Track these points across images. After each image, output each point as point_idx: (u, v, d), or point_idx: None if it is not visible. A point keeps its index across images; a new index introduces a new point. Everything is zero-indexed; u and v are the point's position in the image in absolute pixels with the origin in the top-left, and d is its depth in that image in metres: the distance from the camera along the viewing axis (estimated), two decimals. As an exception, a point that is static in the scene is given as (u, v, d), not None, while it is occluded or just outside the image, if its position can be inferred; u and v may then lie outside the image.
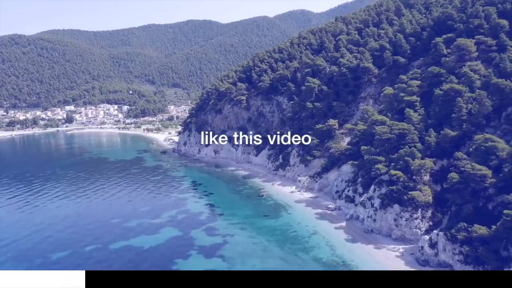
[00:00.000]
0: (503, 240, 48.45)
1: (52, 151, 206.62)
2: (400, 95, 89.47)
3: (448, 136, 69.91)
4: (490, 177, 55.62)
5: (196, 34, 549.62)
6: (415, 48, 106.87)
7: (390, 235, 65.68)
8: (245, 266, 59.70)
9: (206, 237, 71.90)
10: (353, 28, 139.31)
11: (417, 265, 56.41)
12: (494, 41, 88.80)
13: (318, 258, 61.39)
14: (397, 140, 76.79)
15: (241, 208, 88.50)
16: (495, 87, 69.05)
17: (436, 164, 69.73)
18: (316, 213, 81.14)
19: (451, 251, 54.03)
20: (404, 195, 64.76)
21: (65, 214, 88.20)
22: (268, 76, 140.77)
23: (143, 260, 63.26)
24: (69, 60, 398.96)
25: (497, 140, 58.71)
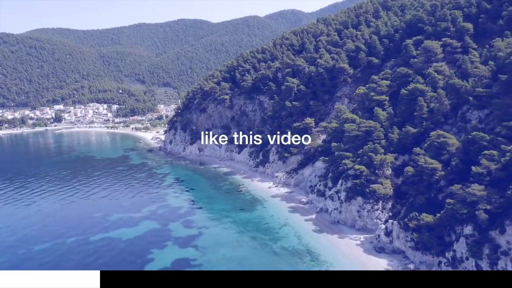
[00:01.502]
0: (447, 226, 53.17)
1: (41, 150, 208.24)
2: (371, 95, 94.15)
3: (409, 133, 74.60)
4: (440, 170, 60.29)
5: (187, 33, 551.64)
6: (388, 50, 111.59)
7: (354, 226, 70.20)
8: (216, 255, 63.75)
9: (183, 229, 75.79)
10: (333, 30, 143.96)
11: (374, 252, 60.96)
12: (459, 43, 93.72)
13: (285, 247, 65.66)
14: (364, 137, 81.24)
15: (219, 202, 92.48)
16: (452, 87, 73.92)
17: (398, 159, 74.43)
18: (290, 207, 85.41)
19: (403, 238, 58.66)
20: (367, 188, 69.32)
21: (48, 209, 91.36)
22: (251, 76, 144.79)
23: (121, 250, 66.92)
24: (58, 59, 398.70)
25: (448, 136, 63.44)
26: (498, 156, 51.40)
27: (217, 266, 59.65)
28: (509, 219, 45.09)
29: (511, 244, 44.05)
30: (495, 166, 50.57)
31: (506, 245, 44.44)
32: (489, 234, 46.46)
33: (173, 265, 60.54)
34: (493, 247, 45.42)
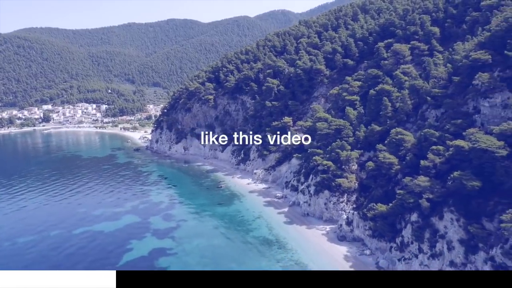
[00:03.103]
0: (398, 215, 58.38)
1: (29, 149, 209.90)
2: (343, 95, 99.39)
3: (374, 130, 79.88)
4: (396, 165, 65.55)
5: (177, 33, 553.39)
6: (362, 52, 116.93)
7: (321, 217, 75.21)
8: (191, 245, 68.22)
9: (162, 222, 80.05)
10: (314, 32, 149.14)
11: (336, 240, 65.99)
12: (426, 46, 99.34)
13: (256, 236, 70.38)
14: (335, 134, 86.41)
15: (199, 198, 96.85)
16: (414, 88, 79.38)
17: (364, 155, 79.65)
18: (265, 201, 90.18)
19: (362, 227, 63.80)
20: (333, 182, 74.38)
21: (33, 205, 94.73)
22: (234, 77, 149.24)
23: (101, 241, 70.96)
24: (46, 59, 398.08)
25: (405, 133, 68.76)
26: (444, 151, 56.71)
27: (191, 255, 64.18)
28: (447, 206, 50.39)
29: (447, 228, 49.35)
30: (439, 160, 55.90)
31: (443, 229, 49.73)
32: (431, 220, 51.73)
33: (150, 254, 64.87)
34: (433, 232, 50.70)
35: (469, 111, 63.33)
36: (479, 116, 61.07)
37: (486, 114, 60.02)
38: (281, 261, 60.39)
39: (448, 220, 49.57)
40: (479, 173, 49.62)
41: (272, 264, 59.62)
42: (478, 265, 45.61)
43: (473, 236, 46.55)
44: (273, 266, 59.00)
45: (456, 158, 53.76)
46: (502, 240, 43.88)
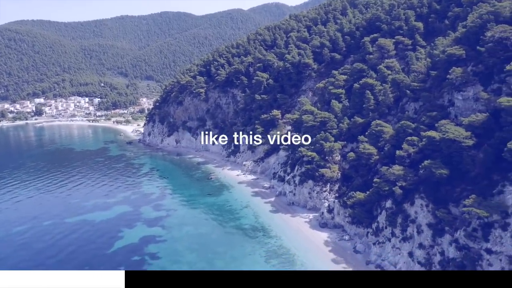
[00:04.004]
0: (375, 202, 61.76)
1: (21, 142, 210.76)
2: (329, 88, 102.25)
3: (357, 123, 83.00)
4: (375, 155, 68.81)
5: (170, 26, 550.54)
6: (349, 46, 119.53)
7: (305, 206, 78.50)
8: (180, 232, 71.22)
9: (153, 212, 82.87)
10: (303, 26, 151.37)
11: (318, 227, 69.34)
12: (410, 41, 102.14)
13: (243, 224, 73.56)
14: (320, 126, 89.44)
15: (189, 189, 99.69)
16: (394, 81, 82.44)
17: (347, 146, 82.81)
18: (253, 192, 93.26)
19: (342, 214, 67.17)
20: (316, 172, 77.55)
21: (27, 197, 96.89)
22: (225, 70, 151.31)
23: (93, 230, 73.66)
24: (38, 52, 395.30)
25: (384, 125, 71.94)
26: (418, 141, 59.96)
27: (180, 241, 67.19)
28: (418, 193, 53.78)
29: (418, 213, 52.78)
30: (413, 150, 59.17)
31: (414, 214, 53.17)
32: (403, 206, 55.15)
33: (141, 241, 67.73)
34: (405, 217, 54.13)
35: (444, 104, 66.53)
36: (453, 109, 64.31)
37: (460, 106, 63.28)
38: (265, 246, 63.60)
39: (419, 206, 52.99)
40: (448, 162, 52.95)
41: (256, 249, 62.82)
42: (444, 247, 49.15)
43: (440, 220, 50.02)
44: (257, 251, 62.20)
45: (429, 148, 57.01)
46: (466, 223, 47.36)
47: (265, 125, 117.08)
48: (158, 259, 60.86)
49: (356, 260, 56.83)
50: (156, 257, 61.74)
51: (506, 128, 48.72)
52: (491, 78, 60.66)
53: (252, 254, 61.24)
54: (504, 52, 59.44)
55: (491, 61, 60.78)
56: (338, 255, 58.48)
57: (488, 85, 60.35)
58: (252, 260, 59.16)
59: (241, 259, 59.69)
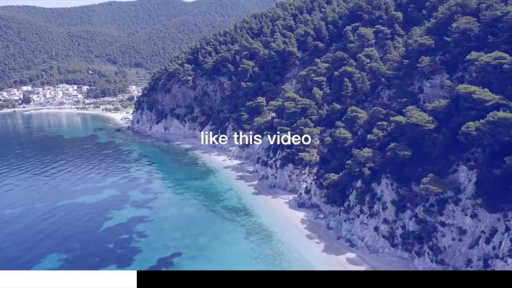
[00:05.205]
0: (347, 183, 66.37)
1: (9, 130, 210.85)
2: (311, 76, 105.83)
3: (335, 109, 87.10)
4: (350, 139, 73.20)
5: (159, 12, 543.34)
6: (332, 35, 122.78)
7: (286, 188, 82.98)
8: (166, 213, 75.29)
9: (140, 195, 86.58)
10: (289, 15, 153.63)
11: (296, 207, 73.95)
12: (389, 30, 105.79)
13: (226, 205, 77.86)
14: (301, 113, 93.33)
15: (176, 173, 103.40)
16: (371, 69, 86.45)
17: (326, 131, 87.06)
18: (237, 175, 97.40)
19: (319, 195, 71.78)
20: (296, 156, 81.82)
21: (17, 182, 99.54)
22: (212, 58, 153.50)
23: (83, 211, 77.23)
24: (24, 39, 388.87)
25: (359, 111, 76.21)
26: (387, 126, 64.34)
27: (166, 221, 71.28)
28: (384, 173, 58.42)
29: (383, 192, 57.51)
30: (382, 134, 63.58)
31: (380, 192, 57.91)
32: (371, 185, 59.84)
33: (128, 221, 71.59)
34: (372, 195, 58.86)
35: (414, 91, 70.91)
36: (422, 95, 68.78)
37: (428, 93, 67.72)
38: (246, 225, 68.03)
39: (384, 185, 57.70)
40: (411, 145, 57.53)
41: (237, 227, 67.23)
42: (405, 222, 54.08)
43: (402, 197, 54.82)
44: (238, 229, 66.61)
45: (396, 132, 61.46)
46: (424, 200, 52.21)
47: (250, 111, 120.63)
48: (145, 237, 64.91)
49: (328, 236, 61.62)
50: (143, 235, 65.77)
51: (462, 113, 53.20)
52: (456, 67, 65.08)
53: (233, 232, 65.64)
54: (467, 43, 63.75)
55: (456, 50, 65.08)
56: (312, 232, 63.21)
57: (454, 73, 64.79)
58: (233, 237, 63.60)
59: (222, 236, 64.06)
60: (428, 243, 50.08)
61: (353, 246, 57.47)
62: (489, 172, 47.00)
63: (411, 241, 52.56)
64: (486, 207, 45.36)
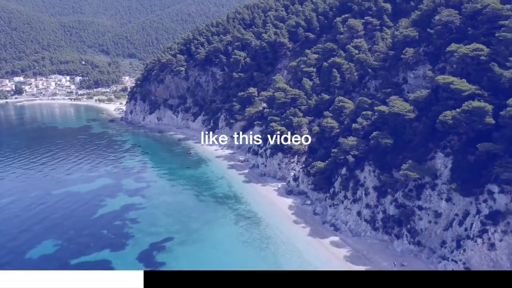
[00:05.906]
0: (333, 170, 68.88)
1: (1, 121, 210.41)
2: (301, 67, 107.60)
3: (323, 99, 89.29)
4: (336, 128, 75.53)
5: (152, 2, 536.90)
6: (323, 26, 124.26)
7: (275, 176, 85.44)
8: (159, 200, 77.50)
9: (133, 183, 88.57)
10: (281, 5, 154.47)
11: (285, 194, 76.51)
12: (378, 22, 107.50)
13: (217, 193, 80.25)
14: (290, 103, 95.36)
15: (169, 163, 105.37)
16: (359, 60, 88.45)
17: (315, 121, 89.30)
18: (229, 165, 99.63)
19: (306, 182, 74.32)
20: (285, 145, 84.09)
21: (12, 172, 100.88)
22: (205, 49, 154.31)
23: (78, 199, 79.15)
24: (15, 29, 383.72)
25: (346, 101, 78.43)
26: (371, 115, 66.66)
27: (158, 208, 73.53)
28: (367, 161, 60.93)
29: (366, 178, 60.10)
30: (366, 123, 65.93)
31: (363, 179, 60.50)
32: (355, 172, 62.37)
33: (122, 208, 73.68)
34: (356, 182, 61.46)
35: (399, 82, 73.14)
36: (406, 86, 71.09)
37: (412, 84, 70.06)
38: (235, 211, 70.50)
39: (367, 172, 60.27)
40: (393, 133, 59.96)
41: (228, 213, 69.68)
42: (386, 206, 56.81)
43: (384, 183, 57.44)
44: (228, 215, 69.07)
45: (379, 121, 63.85)
46: (404, 185, 54.87)
47: (242, 102, 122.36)
48: (138, 223, 67.16)
49: (314, 221, 64.32)
50: (136, 221, 68.01)
51: (441, 102, 55.60)
52: (438, 58, 67.31)
53: (223, 218, 68.10)
54: (449, 34, 65.88)
55: (439, 42, 67.25)
56: (299, 217, 65.87)
57: (436, 64, 67.03)
58: (223, 223, 66.07)
59: (213, 222, 66.49)
60: (406, 226, 52.90)
61: (337, 230, 60.21)
62: (463, 158, 49.65)
63: (391, 225, 55.36)
64: (460, 191, 48.13)
